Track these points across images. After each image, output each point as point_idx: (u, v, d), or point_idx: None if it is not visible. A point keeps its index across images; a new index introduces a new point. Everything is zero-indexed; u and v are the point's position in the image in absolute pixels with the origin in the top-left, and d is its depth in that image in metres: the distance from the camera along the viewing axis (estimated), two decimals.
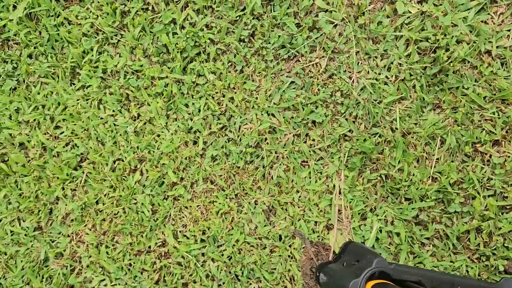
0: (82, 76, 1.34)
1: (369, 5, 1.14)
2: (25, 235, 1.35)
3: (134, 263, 1.27)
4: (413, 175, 1.09)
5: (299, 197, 1.16)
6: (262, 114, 1.20)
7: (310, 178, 1.16)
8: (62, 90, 1.35)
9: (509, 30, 1.05)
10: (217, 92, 1.24)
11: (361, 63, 1.15)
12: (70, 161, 1.33)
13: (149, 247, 1.26)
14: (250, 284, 1.18)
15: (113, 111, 1.32)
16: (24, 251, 1.35)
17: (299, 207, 1.16)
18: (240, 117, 1.22)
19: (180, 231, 1.25)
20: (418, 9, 1.11)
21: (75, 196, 1.34)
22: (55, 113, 1.35)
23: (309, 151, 1.17)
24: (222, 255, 1.20)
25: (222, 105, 1.24)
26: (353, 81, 1.15)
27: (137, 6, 1.27)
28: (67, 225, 1.34)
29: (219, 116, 1.24)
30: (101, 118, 1.32)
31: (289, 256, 1.16)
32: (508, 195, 1.03)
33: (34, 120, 1.36)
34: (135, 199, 1.28)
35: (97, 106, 1.33)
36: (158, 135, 1.28)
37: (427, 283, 0.79)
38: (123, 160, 1.30)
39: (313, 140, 1.17)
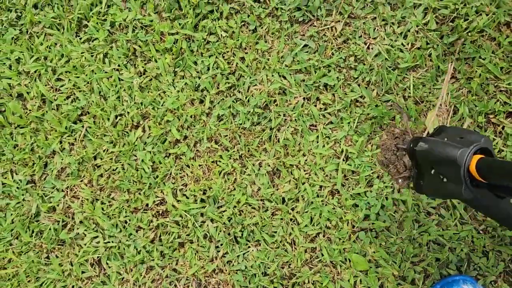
0: (89, 28, 1.30)
1: None
2: (17, 188, 1.30)
3: (130, 220, 1.23)
4: None
5: (305, 160, 1.14)
6: (272, 75, 1.18)
7: (317, 142, 1.14)
8: (67, 41, 1.32)
9: None
10: (227, 51, 1.21)
11: (378, 29, 1.13)
12: (70, 114, 1.29)
13: (147, 205, 1.22)
14: (249, 246, 1.15)
15: (119, 65, 1.28)
16: (15, 204, 1.30)
17: (304, 171, 1.14)
18: (250, 77, 1.19)
19: (180, 190, 1.21)
20: None
21: (73, 150, 1.30)
22: (58, 65, 1.31)
23: (319, 115, 1.14)
24: (222, 216, 1.17)
25: (232, 64, 1.21)
26: (368, 47, 1.14)
27: None
28: (62, 179, 1.30)
29: (228, 75, 1.21)
30: (106, 72, 1.29)
31: (291, 219, 1.13)
32: None
33: (35, 71, 1.31)
34: (135, 156, 1.24)
35: (102, 60, 1.29)
36: (164, 92, 1.25)
37: None
38: (125, 116, 1.26)
39: (324, 104, 1.15)
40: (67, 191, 1.28)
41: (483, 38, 1.06)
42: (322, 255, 1.10)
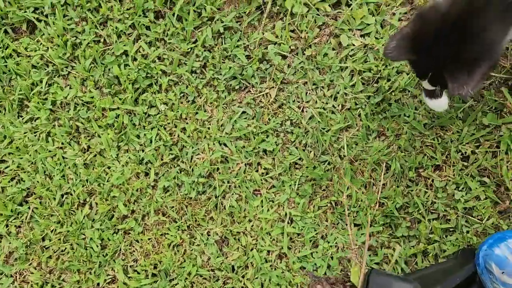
0: (31, 108, 1.30)
1: (315, 38, 1.19)
2: None
3: None
4: (361, 200, 1.12)
5: (252, 226, 1.16)
6: (214, 144, 1.21)
7: (262, 206, 1.16)
8: (9, 123, 1.31)
9: None
10: (169, 123, 1.23)
11: (309, 93, 1.18)
12: (15, 196, 1.27)
13: (98, 284, 1.20)
14: None
15: (62, 143, 1.28)
16: None
17: (251, 237, 1.15)
18: (192, 147, 1.22)
19: (130, 266, 1.20)
20: (361, 42, 1.16)
21: (20, 233, 1.27)
22: (1, 146, 1.30)
23: (261, 180, 1.17)
24: None
25: (174, 135, 1.24)
26: (302, 111, 1.19)
27: (89, 38, 1.27)
28: (10, 264, 1.26)
29: (171, 146, 1.23)
30: (49, 151, 1.28)
31: (242, 287, 1.14)
32: (450, 218, 1.06)
33: None
34: (84, 234, 1.23)
35: (46, 139, 1.29)
36: (109, 167, 1.25)
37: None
38: (71, 194, 1.25)
39: (265, 168, 1.18)
40: (16, 276, 1.25)
41: (406, 96, 1.13)
42: None
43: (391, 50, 0.77)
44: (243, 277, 1.14)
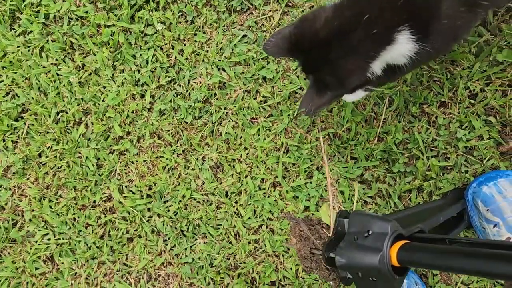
0: (23, 21, 1.21)
1: None
2: None
3: (78, 217, 1.19)
4: (360, 134, 1.06)
5: (247, 154, 1.11)
6: (212, 68, 1.12)
7: (258, 135, 1.10)
8: (1, 35, 1.22)
9: None
10: (166, 44, 1.14)
11: None
12: (11, 112, 1.22)
13: (94, 201, 1.19)
14: (196, 239, 1.14)
15: (56, 59, 1.20)
16: None
17: (246, 164, 1.11)
18: (190, 70, 1.13)
19: (126, 186, 1.18)
20: None
21: (17, 148, 1.24)
22: None
23: (259, 108, 1.10)
24: (168, 210, 1.14)
25: (171, 57, 1.15)
26: None
27: None
28: (8, 178, 1.25)
29: (167, 68, 1.15)
30: (44, 67, 1.21)
31: (235, 212, 1.12)
32: (450, 156, 1.01)
33: None
34: (80, 153, 1.20)
35: (39, 54, 1.21)
36: (104, 87, 1.18)
37: (425, 226, 0.75)
38: (67, 112, 1.20)
39: (263, 96, 1.10)
40: (15, 189, 1.24)
41: None
42: (265, 246, 1.10)
43: (269, 46, 0.74)
44: (236, 202, 1.11)
